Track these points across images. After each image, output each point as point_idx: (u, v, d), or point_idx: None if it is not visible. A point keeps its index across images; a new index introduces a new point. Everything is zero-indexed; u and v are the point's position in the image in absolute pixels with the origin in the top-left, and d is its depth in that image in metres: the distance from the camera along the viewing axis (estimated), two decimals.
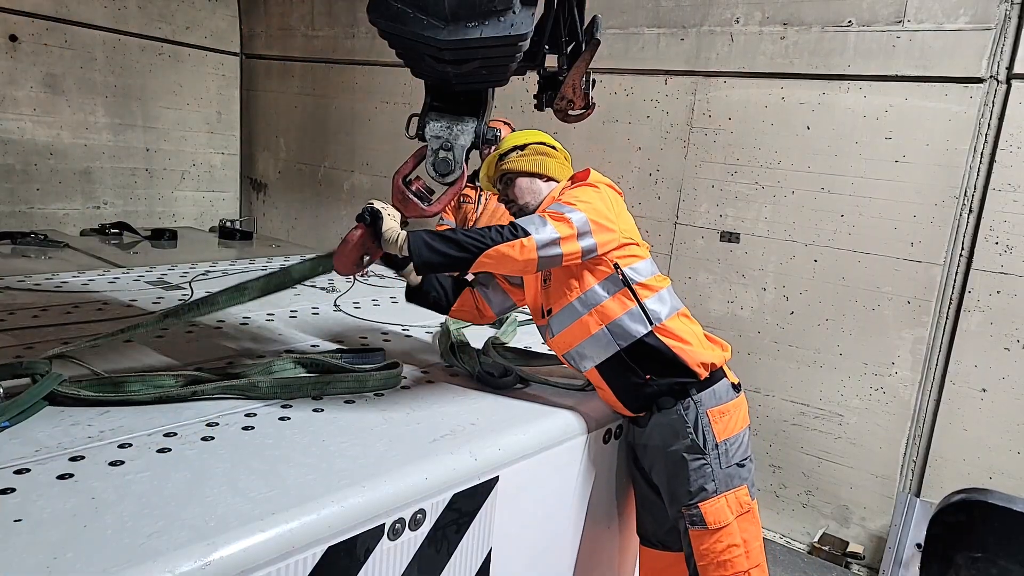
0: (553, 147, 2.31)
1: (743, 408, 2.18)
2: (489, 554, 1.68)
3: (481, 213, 4.79)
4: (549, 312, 2.15)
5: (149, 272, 3.19)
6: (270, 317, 2.60)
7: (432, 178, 1.93)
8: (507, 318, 2.75)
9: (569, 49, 2.08)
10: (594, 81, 2.19)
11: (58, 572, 1.04)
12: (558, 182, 2.25)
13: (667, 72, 4.63)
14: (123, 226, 4.31)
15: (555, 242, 1.94)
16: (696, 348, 2.09)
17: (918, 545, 3.60)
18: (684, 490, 2.06)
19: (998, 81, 3.62)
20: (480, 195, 4.83)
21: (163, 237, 4.19)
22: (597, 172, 2.28)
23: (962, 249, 3.78)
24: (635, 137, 4.78)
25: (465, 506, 1.57)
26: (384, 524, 1.39)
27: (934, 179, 3.80)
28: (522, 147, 2.29)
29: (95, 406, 1.62)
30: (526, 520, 1.80)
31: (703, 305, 4.55)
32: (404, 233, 1.91)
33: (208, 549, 1.12)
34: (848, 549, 4.14)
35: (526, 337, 2.68)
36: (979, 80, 3.65)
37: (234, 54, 7.21)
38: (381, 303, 2.99)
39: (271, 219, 7.33)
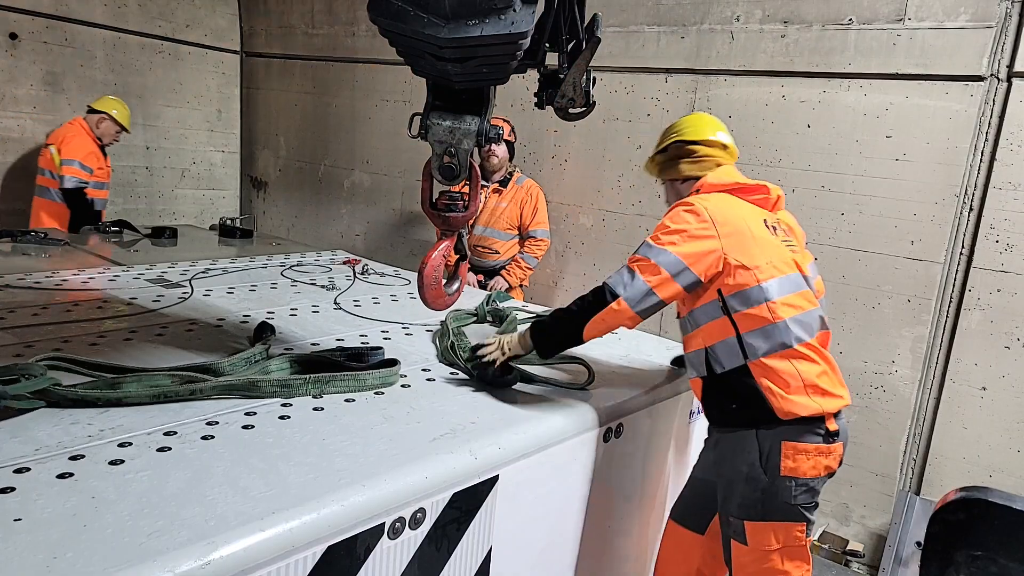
0: (696, 142, 2.31)
1: (830, 456, 2.05)
2: (489, 553, 1.68)
3: (481, 210, 4.77)
4: (678, 316, 2.23)
5: (149, 270, 3.19)
6: (270, 315, 2.60)
7: (439, 181, 1.93)
8: (507, 315, 2.75)
9: (569, 47, 2.08)
10: (595, 79, 2.19)
11: (58, 571, 1.03)
12: (698, 178, 2.29)
13: (667, 70, 4.63)
14: (123, 224, 4.31)
15: (649, 293, 1.98)
16: (791, 396, 2.00)
17: (918, 543, 3.60)
18: (735, 503, 2.05)
19: (999, 79, 3.61)
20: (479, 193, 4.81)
21: (163, 235, 4.19)
22: (730, 172, 2.29)
23: (962, 247, 3.78)
24: (635, 135, 4.77)
25: (465, 505, 1.57)
26: (384, 523, 1.39)
27: (934, 177, 3.79)
28: (663, 150, 2.40)
29: (93, 407, 1.62)
30: (526, 519, 1.80)
31: None
32: (520, 340, 2.10)
33: (208, 548, 1.13)
34: (848, 547, 4.14)
35: None
36: (980, 78, 3.64)
37: (234, 52, 7.21)
38: (381, 301, 2.99)
39: (271, 217, 7.33)
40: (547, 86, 2.18)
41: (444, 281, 2.08)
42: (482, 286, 4.73)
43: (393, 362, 2.01)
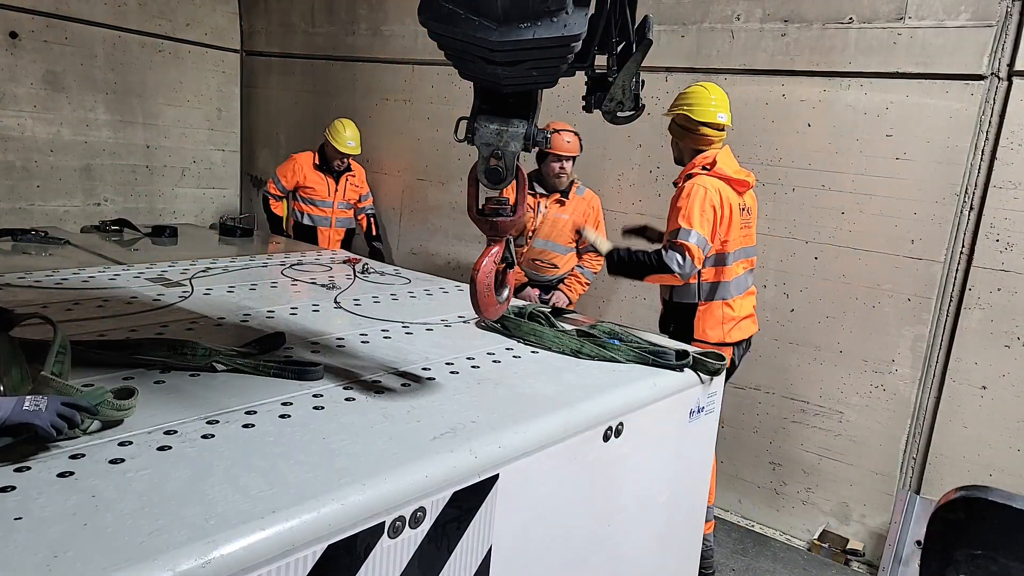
0: (702, 123, 3.43)
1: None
2: (489, 552, 1.69)
3: (541, 222, 4.70)
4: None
5: (149, 269, 3.19)
6: (270, 314, 2.60)
7: (485, 186, 1.89)
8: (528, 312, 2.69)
9: (619, 49, 2.03)
10: (643, 81, 2.13)
11: (58, 570, 1.04)
12: (695, 150, 3.51)
13: (668, 69, 4.63)
14: (123, 223, 4.31)
15: (694, 267, 3.24)
16: (708, 330, 3.41)
17: (918, 542, 3.60)
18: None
19: (999, 78, 3.62)
20: (539, 203, 4.72)
21: (163, 234, 4.18)
22: (728, 161, 3.43)
23: (962, 246, 3.78)
24: (635, 134, 4.77)
25: (465, 504, 1.57)
26: (384, 522, 1.39)
27: (935, 176, 3.80)
28: (673, 119, 3.60)
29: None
30: (526, 518, 1.81)
31: None
32: (601, 244, 3.59)
33: (208, 547, 1.13)
34: (848, 546, 4.14)
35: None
36: (980, 77, 3.64)
37: (234, 51, 7.21)
38: (382, 300, 2.99)
39: None
40: (595, 89, 2.12)
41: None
42: (542, 301, 4.61)
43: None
